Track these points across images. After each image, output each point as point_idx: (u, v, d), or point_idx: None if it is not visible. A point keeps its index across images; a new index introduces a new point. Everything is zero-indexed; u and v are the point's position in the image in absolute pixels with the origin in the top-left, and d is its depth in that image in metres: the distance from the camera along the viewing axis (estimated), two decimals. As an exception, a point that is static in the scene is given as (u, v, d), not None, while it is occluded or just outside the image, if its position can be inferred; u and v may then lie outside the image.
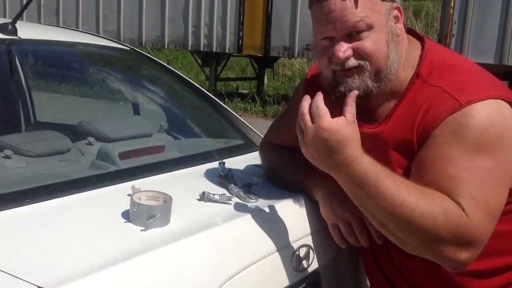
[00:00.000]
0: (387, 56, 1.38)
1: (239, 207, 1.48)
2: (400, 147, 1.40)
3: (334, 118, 1.27)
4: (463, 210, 1.26)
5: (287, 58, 12.00)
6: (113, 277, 1.09)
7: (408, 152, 1.39)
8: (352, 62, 1.37)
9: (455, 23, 7.59)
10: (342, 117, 1.28)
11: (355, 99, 1.31)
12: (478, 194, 1.27)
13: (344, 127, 1.27)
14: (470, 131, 1.30)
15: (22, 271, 1.05)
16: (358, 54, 1.37)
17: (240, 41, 10.17)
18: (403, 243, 1.34)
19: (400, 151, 1.40)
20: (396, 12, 1.41)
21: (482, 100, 1.32)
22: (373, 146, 1.41)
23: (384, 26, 1.38)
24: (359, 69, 1.38)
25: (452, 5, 7.57)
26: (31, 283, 1.02)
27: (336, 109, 1.37)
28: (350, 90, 1.37)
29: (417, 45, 1.48)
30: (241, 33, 10.12)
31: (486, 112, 1.32)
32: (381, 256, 1.55)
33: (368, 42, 1.36)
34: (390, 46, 1.39)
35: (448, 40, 7.55)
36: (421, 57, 1.45)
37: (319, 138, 1.27)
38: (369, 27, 1.35)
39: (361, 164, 1.27)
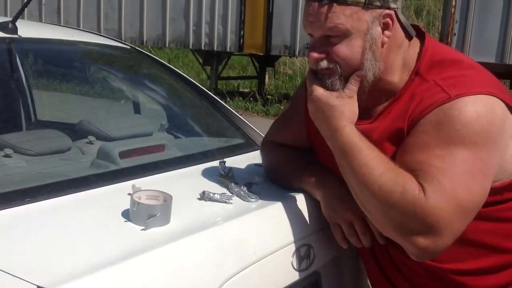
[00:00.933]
0: (361, 63, 1.37)
1: (240, 207, 1.47)
2: (394, 139, 1.41)
3: (327, 91, 1.39)
4: (424, 193, 1.26)
5: (288, 57, 11.99)
6: (113, 276, 1.09)
7: (400, 142, 1.39)
8: (324, 64, 1.39)
9: (456, 22, 7.58)
10: (337, 91, 1.39)
11: (358, 81, 1.38)
12: (446, 182, 1.27)
13: (332, 98, 1.38)
14: (453, 122, 1.30)
15: (21, 271, 1.05)
16: (331, 57, 1.38)
17: (241, 40, 10.16)
18: (373, 220, 1.38)
19: (393, 142, 1.41)
20: (386, 19, 1.37)
21: (473, 95, 1.32)
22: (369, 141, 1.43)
23: (363, 34, 1.36)
24: (330, 71, 1.39)
25: (453, 4, 7.56)
26: (30, 283, 1.02)
27: None
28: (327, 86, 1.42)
29: (416, 43, 1.47)
30: (242, 32, 10.11)
31: (474, 106, 1.31)
32: (382, 256, 1.55)
33: (342, 47, 1.36)
34: (367, 54, 1.37)
35: (449, 39, 7.54)
36: (420, 54, 1.44)
37: (312, 108, 1.42)
38: (345, 33, 1.35)
39: (343, 134, 1.36)
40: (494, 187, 1.36)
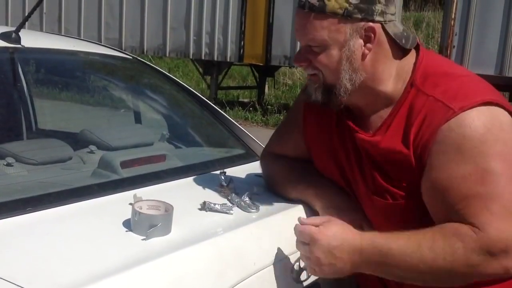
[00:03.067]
0: (339, 73, 1.40)
1: (240, 217, 1.48)
2: (397, 161, 1.40)
3: (324, 229, 1.34)
4: (479, 228, 1.27)
5: (288, 67, 12.02)
6: (114, 286, 1.10)
7: (406, 165, 1.38)
8: (309, 70, 1.44)
9: (456, 34, 7.60)
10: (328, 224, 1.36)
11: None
12: (493, 205, 1.28)
13: (336, 227, 1.35)
14: (470, 141, 1.31)
15: (23, 280, 1.05)
16: (313, 65, 1.42)
17: (241, 50, 10.18)
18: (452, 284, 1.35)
19: (397, 165, 1.40)
20: (368, 33, 1.37)
21: (476, 107, 1.33)
22: (369, 154, 1.44)
23: (340, 45, 1.38)
24: (315, 77, 1.44)
25: (453, 16, 7.59)
26: (32, 292, 1.02)
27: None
28: (309, 93, 1.46)
29: (411, 54, 1.48)
30: (242, 42, 10.14)
31: (480, 120, 1.32)
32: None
33: (320, 57, 1.40)
34: (344, 65, 1.39)
35: (449, 51, 7.56)
36: (415, 65, 1.45)
37: (331, 247, 1.33)
38: (322, 44, 1.38)
39: (369, 247, 1.32)
40: None
